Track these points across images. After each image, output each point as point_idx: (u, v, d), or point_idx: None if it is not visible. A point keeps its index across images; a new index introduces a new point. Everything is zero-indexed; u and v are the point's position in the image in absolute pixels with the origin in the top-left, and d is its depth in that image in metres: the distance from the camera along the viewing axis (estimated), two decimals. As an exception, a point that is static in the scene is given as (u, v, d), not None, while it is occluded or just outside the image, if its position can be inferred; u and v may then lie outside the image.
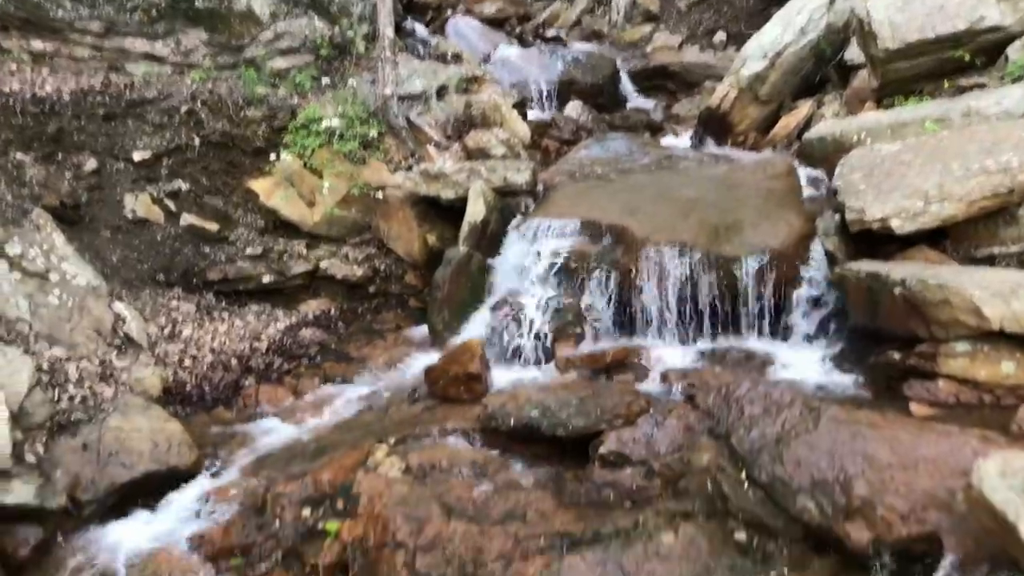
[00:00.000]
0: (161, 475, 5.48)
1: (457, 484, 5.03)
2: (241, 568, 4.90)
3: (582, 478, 5.01)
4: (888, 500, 4.08)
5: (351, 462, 5.24)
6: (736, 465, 4.63)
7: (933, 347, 4.99)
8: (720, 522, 4.42)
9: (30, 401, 5.49)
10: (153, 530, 5.17)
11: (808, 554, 4.21)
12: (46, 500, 4.91)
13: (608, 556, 4.26)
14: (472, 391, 6.06)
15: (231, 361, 7.26)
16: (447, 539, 4.63)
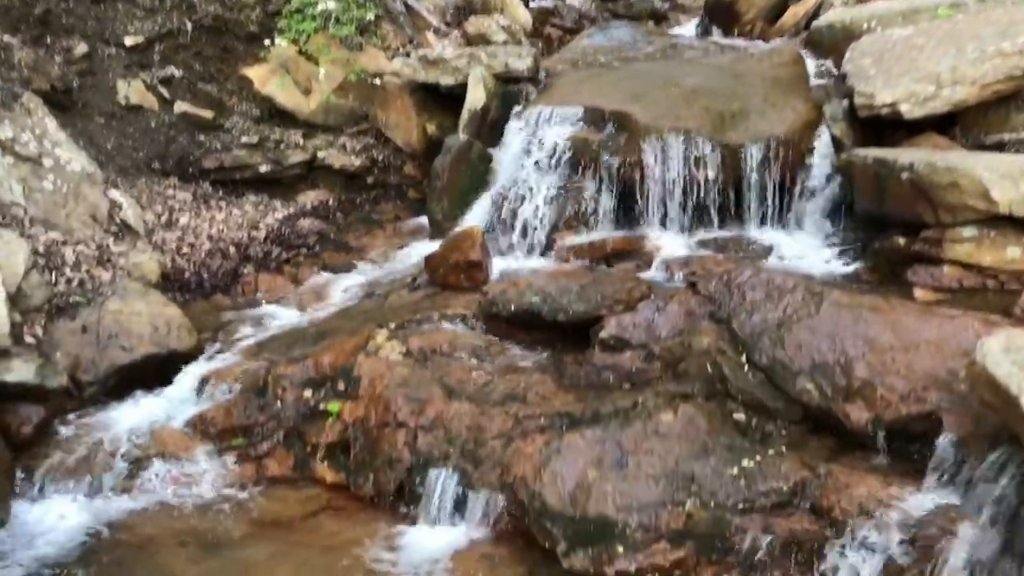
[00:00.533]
0: (161, 358, 5.48)
1: (457, 367, 5.04)
2: (243, 447, 4.95)
3: (582, 361, 5.01)
4: (888, 381, 4.09)
5: (352, 346, 5.24)
6: (736, 349, 4.63)
7: (939, 232, 4.93)
8: (719, 403, 4.45)
9: (27, 283, 5.45)
10: (154, 411, 5.19)
11: (806, 435, 4.25)
12: (46, 379, 4.92)
13: (607, 434, 4.29)
14: (472, 279, 6.01)
15: (229, 249, 7.20)
16: (448, 419, 4.66)
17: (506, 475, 4.29)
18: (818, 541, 3.67)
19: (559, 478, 4.16)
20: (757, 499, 3.90)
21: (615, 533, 3.94)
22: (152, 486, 4.72)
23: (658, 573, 3.81)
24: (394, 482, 4.52)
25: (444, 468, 4.45)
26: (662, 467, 4.12)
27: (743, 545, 3.78)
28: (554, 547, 3.99)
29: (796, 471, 3.94)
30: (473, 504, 4.29)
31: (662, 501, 4.00)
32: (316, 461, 4.82)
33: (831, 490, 3.79)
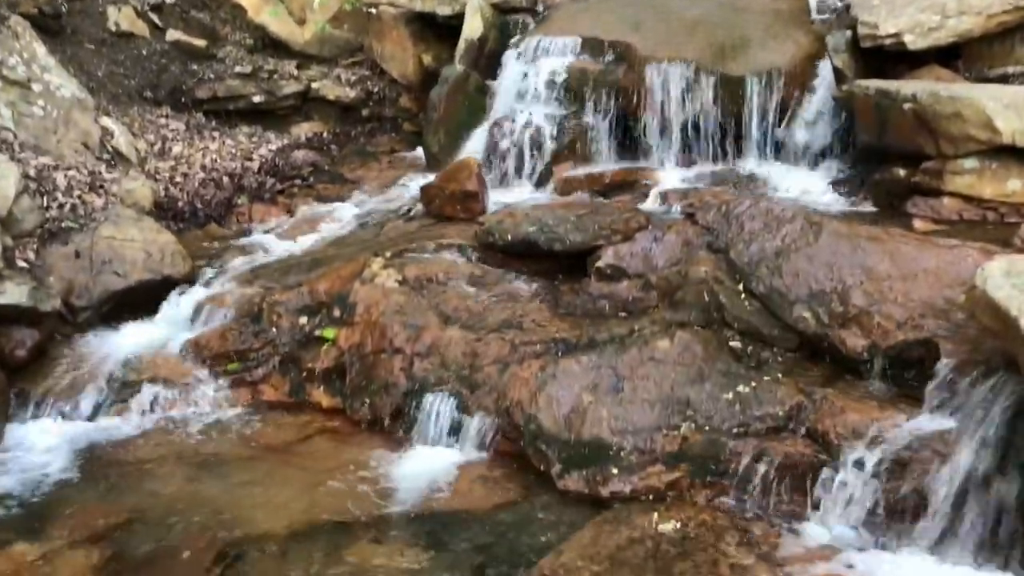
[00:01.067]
0: (155, 284, 5.46)
1: (453, 295, 5.02)
2: (238, 372, 4.94)
3: (578, 291, 5.00)
4: (885, 309, 4.09)
5: (347, 273, 5.21)
6: (734, 278, 4.62)
7: (940, 164, 4.90)
8: (716, 331, 4.44)
9: (18, 207, 5.39)
10: (149, 336, 5.18)
11: (802, 362, 4.26)
12: (40, 302, 4.88)
13: (603, 360, 4.29)
14: (469, 210, 5.96)
15: (223, 179, 7.13)
16: (444, 345, 4.65)
17: (502, 400, 4.29)
18: (812, 464, 3.69)
19: (555, 402, 4.17)
20: (752, 423, 3.91)
21: (610, 455, 3.96)
22: (147, 409, 4.72)
23: (652, 494, 3.83)
24: (390, 406, 4.53)
25: (440, 393, 4.45)
26: (658, 392, 4.12)
27: (737, 468, 3.80)
28: (549, 469, 4.01)
29: (791, 396, 3.95)
30: (469, 428, 4.30)
31: (657, 425, 4.01)
32: (312, 386, 4.82)
33: (826, 414, 3.80)
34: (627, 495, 3.85)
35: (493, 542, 3.62)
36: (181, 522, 3.80)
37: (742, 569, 3.33)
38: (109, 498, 4.00)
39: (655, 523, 3.63)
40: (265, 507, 3.88)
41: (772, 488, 3.72)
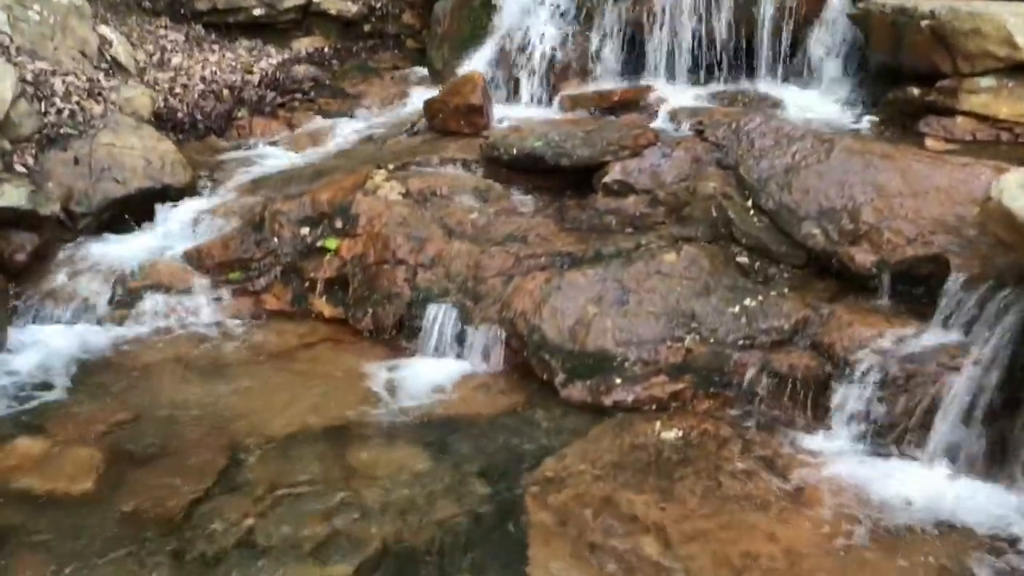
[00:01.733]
0: (155, 192, 5.39)
1: (457, 209, 4.96)
2: (240, 282, 4.91)
3: (584, 206, 4.94)
4: (896, 225, 4.05)
5: (349, 184, 5.14)
6: (743, 194, 4.56)
7: (955, 82, 4.81)
8: (723, 246, 4.41)
9: (15, 111, 5.29)
10: (149, 244, 5.13)
11: (809, 279, 4.23)
12: (39, 206, 4.82)
13: (609, 273, 4.26)
14: (473, 124, 5.87)
15: (223, 92, 7.01)
16: (448, 257, 4.62)
17: (506, 311, 4.27)
18: (818, 376, 3.68)
19: (559, 313, 4.15)
20: (758, 336, 3.90)
21: (614, 366, 3.95)
22: (148, 316, 4.69)
23: (655, 405, 3.83)
24: (393, 316, 4.50)
25: (444, 304, 4.42)
26: (663, 305, 4.10)
27: (742, 379, 3.79)
28: (552, 379, 4.00)
29: (798, 310, 3.93)
30: (472, 338, 4.28)
31: (662, 337, 3.99)
32: (314, 296, 4.79)
33: (833, 328, 3.78)
34: (630, 405, 3.85)
35: (496, 446, 3.63)
36: (184, 422, 3.80)
37: (744, 475, 3.34)
38: (111, 399, 4.00)
39: (658, 431, 3.63)
40: (268, 410, 3.88)
41: (776, 400, 3.72)
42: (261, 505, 3.27)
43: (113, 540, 3.08)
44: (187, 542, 3.08)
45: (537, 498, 3.26)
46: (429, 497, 3.30)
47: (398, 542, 3.07)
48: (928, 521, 3.10)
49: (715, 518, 3.12)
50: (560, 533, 3.08)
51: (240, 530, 3.14)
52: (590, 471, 3.40)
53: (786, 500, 3.21)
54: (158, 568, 2.96)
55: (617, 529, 3.08)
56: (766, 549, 2.97)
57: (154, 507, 3.24)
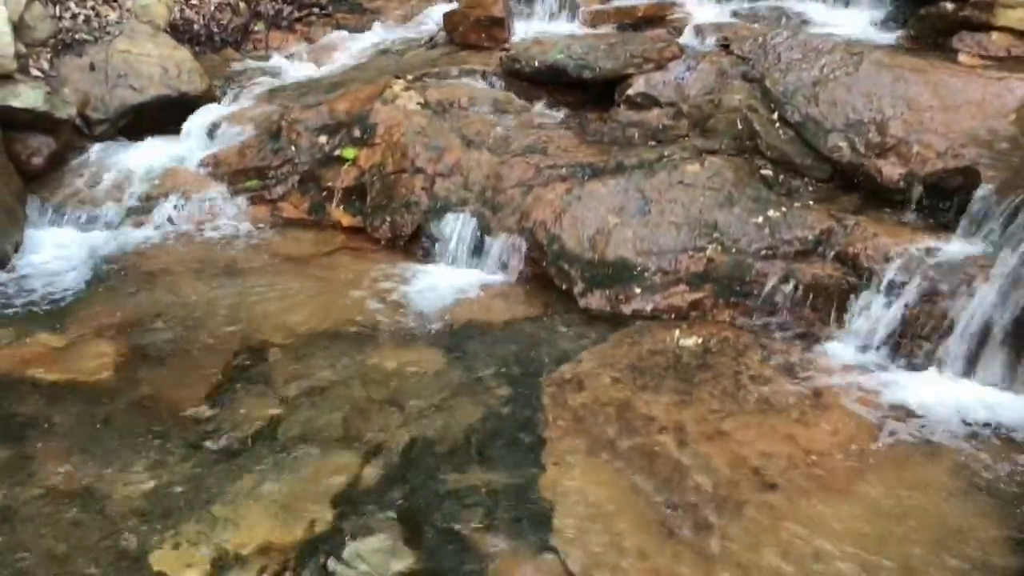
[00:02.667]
0: (172, 100, 5.33)
1: (476, 120, 4.89)
2: (257, 190, 4.87)
3: (606, 119, 4.88)
4: (925, 138, 3.96)
5: (367, 94, 5.07)
6: (768, 107, 4.46)
7: (992, -4, 4.67)
8: (747, 159, 4.33)
9: (30, 14, 5.21)
10: (166, 151, 5.09)
11: (834, 192, 4.16)
12: (56, 108, 4.77)
13: (630, 183, 4.20)
14: (494, 38, 5.76)
15: (239, 5, 6.88)
16: (467, 167, 4.56)
17: (525, 220, 4.22)
18: (840, 286, 3.64)
19: (579, 223, 4.10)
20: (780, 246, 3.85)
21: (633, 275, 3.91)
22: (165, 221, 4.68)
23: (674, 313, 3.80)
24: (411, 225, 4.47)
25: (462, 213, 4.38)
26: (685, 215, 4.04)
27: (763, 289, 3.75)
28: (571, 288, 3.97)
29: (822, 221, 3.87)
30: (490, 247, 4.24)
31: (683, 247, 3.95)
32: (331, 205, 4.76)
33: (857, 239, 3.72)
34: (649, 314, 3.82)
35: (512, 350, 3.61)
36: (201, 321, 3.80)
37: (763, 380, 3.32)
38: (127, 299, 4.00)
39: (677, 338, 3.61)
40: (286, 312, 3.88)
41: (797, 309, 3.69)
42: (278, 399, 3.28)
43: (132, 428, 3.10)
44: (206, 432, 3.10)
45: (555, 398, 3.26)
46: (445, 394, 3.30)
47: (414, 435, 3.08)
48: (946, 426, 3.08)
49: (733, 419, 3.11)
50: (577, 431, 3.07)
51: (258, 422, 3.16)
52: (608, 374, 3.39)
53: (805, 404, 3.20)
54: (178, 455, 2.98)
55: (634, 428, 3.07)
56: (784, 449, 2.96)
57: (173, 398, 3.26)
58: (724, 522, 2.65)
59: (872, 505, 2.73)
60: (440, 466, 2.95)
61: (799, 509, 2.71)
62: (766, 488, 2.80)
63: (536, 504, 2.75)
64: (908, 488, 2.80)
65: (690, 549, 2.55)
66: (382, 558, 2.56)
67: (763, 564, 2.50)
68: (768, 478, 2.84)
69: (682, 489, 2.79)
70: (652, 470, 2.88)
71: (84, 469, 2.91)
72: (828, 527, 2.63)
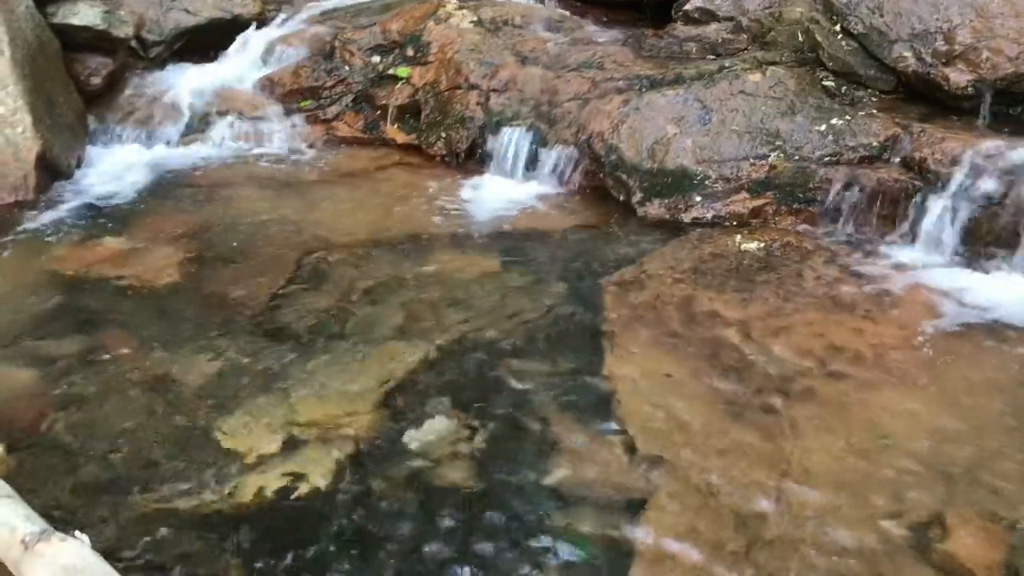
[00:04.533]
0: (225, 22, 5.32)
1: (531, 38, 4.85)
2: (311, 109, 4.88)
3: (663, 35, 4.79)
4: (995, 44, 3.86)
5: (420, 14, 5.04)
6: (830, 18, 4.37)
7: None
8: (809, 70, 4.26)
9: (85, -63, 5.22)
10: (221, 73, 5.10)
11: (899, 102, 4.08)
12: (113, 27, 4.79)
13: (690, 93, 4.15)
14: (545, -38, 5.68)
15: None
16: (522, 82, 4.53)
17: (582, 132, 4.19)
18: (907, 190, 3.57)
19: (637, 133, 4.06)
20: (845, 152, 3.78)
21: (694, 184, 3.87)
22: (222, 139, 4.71)
23: (736, 221, 3.76)
24: (466, 140, 4.45)
25: (518, 127, 4.36)
26: (746, 124, 3.98)
27: (827, 195, 3.69)
28: (629, 198, 3.94)
29: (887, 128, 3.80)
30: (546, 160, 4.22)
31: (744, 155, 3.90)
32: (386, 123, 4.75)
33: (924, 144, 3.65)
34: (709, 221, 3.79)
35: (571, 255, 3.60)
36: (262, 228, 3.83)
37: (828, 281, 3.29)
38: (188, 210, 4.04)
39: (738, 243, 3.57)
40: (344, 220, 3.90)
41: (862, 214, 3.63)
42: (339, 298, 3.30)
43: (199, 321, 3.14)
44: (270, 324, 3.13)
45: (615, 296, 3.25)
46: (504, 294, 3.30)
47: (474, 330, 3.08)
48: (1017, 326, 3.01)
49: (798, 315, 3.08)
50: (639, 325, 3.06)
51: (321, 319, 3.18)
52: (670, 275, 3.37)
53: (872, 303, 3.15)
54: (243, 345, 3.01)
55: (697, 322, 3.06)
56: (852, 343, 2.92)
57: (237, 295, 3.30)
58: (791, 406, 2.63)
59: (943, 393, 2.69)
60: (501, 357, 2.95)
61: (868, 396, 2.68)
62: (834, 377, 2.77)
63: (599, 389, 2.75)
64: (981, 380, 2.76)
65: (757, 429, 2.54)
66: (447, 437, 2.58)
67: (832, 445, 2.48)
68: (835, 368, 2.81)
69: (748, 377, 2.77)
70: (716, 360, 2.86)
71: (153, 357, 2.95)
72: (898, 412, 2.60)
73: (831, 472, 2.38)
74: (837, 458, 2.42)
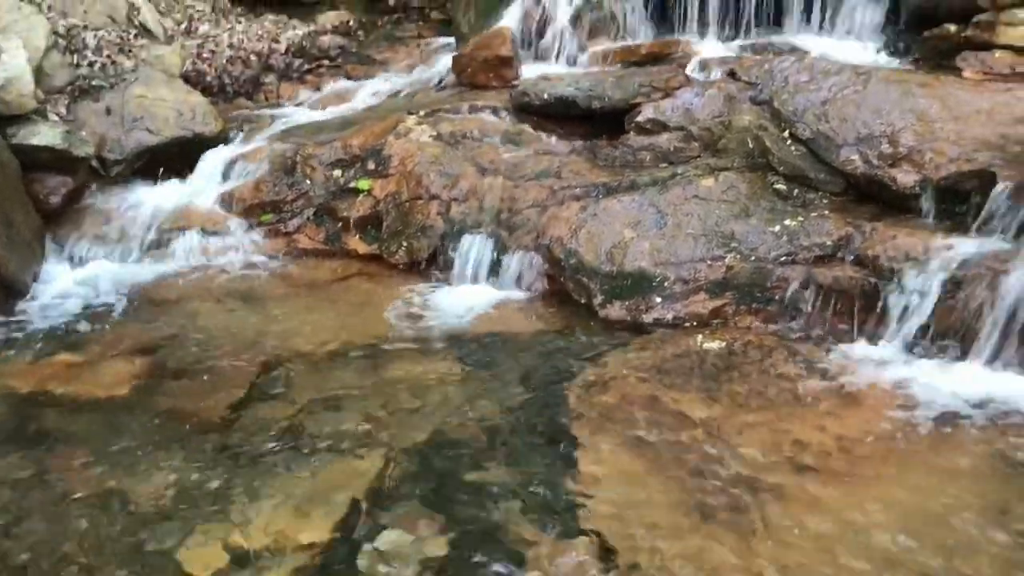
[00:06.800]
0: (187, 140, 5.38)
1: (489, 149, 4.95)
2: (272, 223, 4.89)
3: (617, 144, 4.92)
4: (937, 146, 4.01)
5: (380, 129, 5.14)
6: (778, 125, 4.52)
7: (993, 16, 4.77)
8: (760, 174, 4.36)
9: (48, 62, 5.32)
10: (182, 190, 5.13)
11: (849, 204, 4.18)
12: (74, 147, 4.83)
13: (645, 199, 4.23)
14: (502, 77, 5.86)
15: (250, 58, 7.02)
16: (482, 191, 4.60)
17: (541, 238, 4.24)
18: (862, 287, 3.62)
19: (596, 237, 4.11)
20: (799, 252, 3.85)
21: (652, 285, 3.91)
22: (182, 255, 4.70)
23: (695, 321, 3.78)
24: (427, 249, 4.48)
25: (478, 234, 4.40)
26: (701, 227, 4.06)
27: (784, 294, 3.74)
28: (590, 300, 3.96)
29: (840, 228, 3.88)
30: (507, 265, 4.25)
31: (701, 256, 3.95)
32: (347, 235, 4.77)
33: (876, 242, 3.73)
34: (670, 322, 3.80)
35: (534, 358, 3.59)
36: (221, 343, 3.79)
37: (790, 377, 3.29)
38: (146, 324, 4.00)
39: (700, 342, 3.58)
40: (305, 331, 3.87)
41: (820, 311, 3.67)
42: (299, 409, 3.25)
43: (154, 436, 3.06)
44: (228, 440, 3.06)
45: (581, 399, 3.22)
46: (468, 399, 3.26)
47: (437, 437, 3.04)
48: (977, 415, 3.03)
49: (763, 413, 3.07)
50: (605, 426, 3.03)
51: (280, 430, 3.12)
52: (634, 376, 3.36)
53: (834, 398, 3.16)
54: (200, 463, 2.93)
55: (663, 422, 3.03)
56: (817, 438, 2.91)
57: (193, 409, 3.23)
58: (761, 504, 2.59)
59: (910, 486, 2.67)
60: (465, 464, 2.90)
61: (836, 491, 2.65)
62: (801, 474, 2.74)
63: (566, 494, 2.70)
64: (944, 471, 2.75)
65: (729, 529, 2.49)
66: (410, 549, 2.51)
67: (803, 543, 2.44)
68: (802, 464, 2.79)
69: (716, 476, 2.74)
70: (684, 460, 2.83)
71: (105, 475, 2.86)
72: (867, 506, 2.57)
73: (805, 571, 2.32)
74: (809, 555, 2.38)
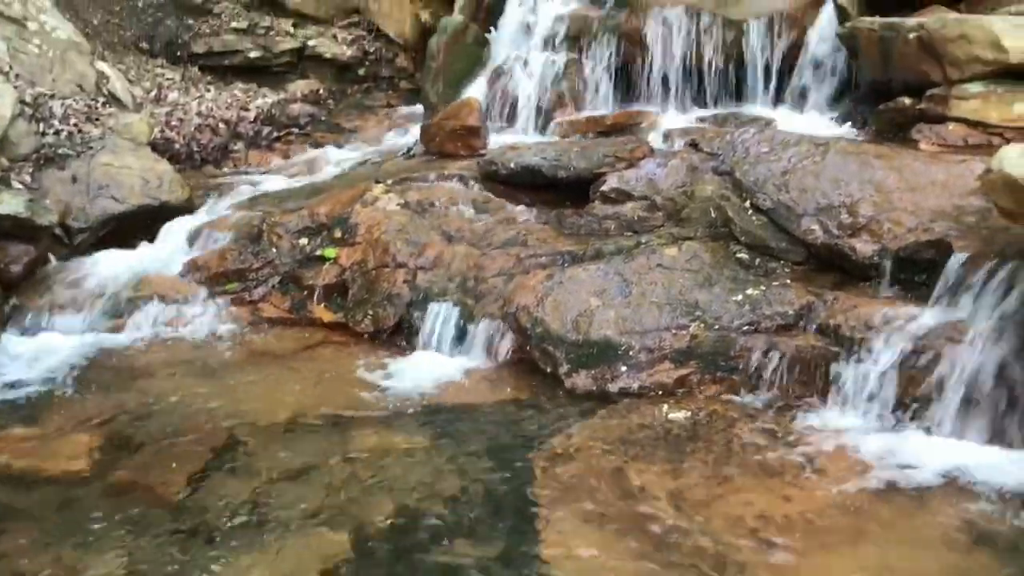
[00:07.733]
0: (153, 209, 5.37)
1: (456, 218, 4.98)
2: (237, 292, 4.86)
3: (583, 213, 4.97)
4: (895, 216, 4.09)
5: (347, 198, 5.16)
6: (740, 195, 4.59)
7: (945, 90, 4.90)
8: (723, 244, 4.42)
9: (14, 131, 5.31)
10: (147, 258, 5.10)
11: (810, 273, 4.23)
12: (37, 215, 4.80)
13: (610, 267, 4.26)
14: (470, 146, 5.93)
15: (219, 126, 7.07)
16: (448, 260, 4.62)
17: (507, 306, 4.24)
18: (824, 356, 3.66)
19: (561, 306, 4.12)
20: (762, 321, 3.88)
21: (618, 355, 3.91)
22: (145, 324, 4.64)
23: (661, 390, 3.78)
24: (393, 317, 4.47)
25: (444, 302, 4.40)
26: (666, 296, 4.09)
27: (748, 363, 3.76)
28: (556, 369, 3.96)
29: (802, 297, 3.93)
30: (473, 334, 4.24)
31: (666, 325, 3.97)
32: (313, 303, 4.75)
33: (837, 311, 3.77)
34: (635, 391, 3.80)
35: (500, 429, 3.57)
36: (181, 415, 3.73)
37: (755, 448, 3.29)
38: (106, 395, 3.93)
39: (665, 412, 3.58)
40: (268, 402, 3.82)
41: (783, 381, 3.69)
42: (260, 483, 3.19)
43: (109, 512, 2.99)
44: (185, 516, 2.99)
45: (545, 470, 3.20)
46: (433, 473, 3.22)
47: (401, 512, 2.99)
48: (940, 485, 3.05)
49: (727, 484, 3.06)
50: (569, 499, 3.00)
51: (239, 506, 3.05)
52: (599, 447, 3.34)
53: (798, 468, 3.16)
54: (156, 541, 2.86)
55: (628, 496, 3.01)
56: (782, 509, 2.90)
57: (151, 484, 3.16)
58: (726, 580, 2.57)
59: (875, 560, 2.66)
60: (429, 540, 2.86)
61: (801, 564, 2.63)
62: (767, 547, 2.73)
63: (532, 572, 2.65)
64: (908, 541, 2.75)
65: (694, 606, 2.46)
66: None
67: (770, 619, 2.41)
68: (767, 537, 2.77)
69: (682, 551, 2.71)
70: (649, 535, 2.80)
71: (56, 555, 2.78)
72: (834, 580, 2.56)
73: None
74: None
